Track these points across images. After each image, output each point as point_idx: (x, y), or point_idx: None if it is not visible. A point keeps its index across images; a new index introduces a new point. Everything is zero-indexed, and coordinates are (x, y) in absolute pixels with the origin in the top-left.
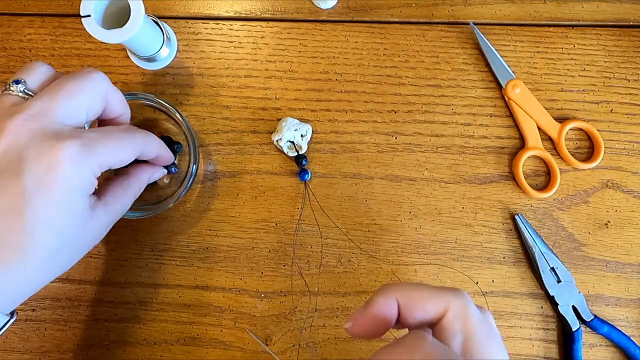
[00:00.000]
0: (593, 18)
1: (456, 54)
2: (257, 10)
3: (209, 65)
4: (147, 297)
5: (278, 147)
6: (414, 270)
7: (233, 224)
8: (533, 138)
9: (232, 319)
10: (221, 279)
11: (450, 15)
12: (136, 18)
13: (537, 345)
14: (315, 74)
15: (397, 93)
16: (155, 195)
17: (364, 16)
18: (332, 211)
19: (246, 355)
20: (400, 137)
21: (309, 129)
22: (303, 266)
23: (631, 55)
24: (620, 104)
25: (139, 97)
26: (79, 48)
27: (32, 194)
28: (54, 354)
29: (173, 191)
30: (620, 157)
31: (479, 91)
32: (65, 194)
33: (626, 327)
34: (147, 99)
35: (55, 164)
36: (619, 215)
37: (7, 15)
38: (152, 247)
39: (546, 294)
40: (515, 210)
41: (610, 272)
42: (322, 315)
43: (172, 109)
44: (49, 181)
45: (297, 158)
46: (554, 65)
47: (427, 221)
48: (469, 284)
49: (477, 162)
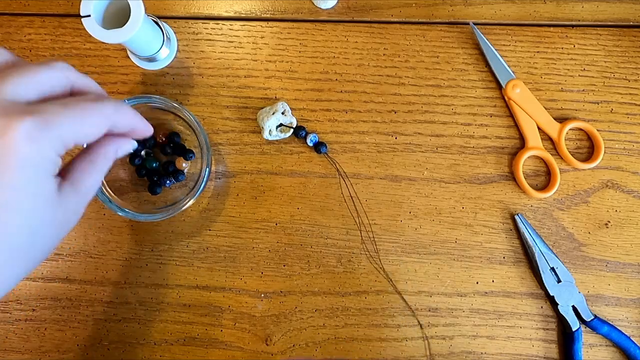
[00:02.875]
0: (593, 18)
1: (456, 54)
2: (257, 10)
3: (209, 65)
4: (147, 297)
5: (278, 138)
6: (414, 270)
7: (233, 224)
8: (533, 138)
9: (232, 319)
10: (221, 279)
11: (450, 15)
12: (136, 18)
13: (537, 345)
14: (315, 74)
15: (397, 93)
16: (171, 197)
17: (364, 16)
18: (332, 211)
19: (246, 355)
20: (400, 137)
21: (282, 104)
22: (303, 266)
23: (631, 55)
24: (620, 104)
25: (152, 100)
26: (79, 48)
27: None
28: (54, 354)
29: (185, 193)
30: (620, 157)
31: (479, 91)
32: (26, 176)
33: (626, 327)
34: (159, 101)
35: (9, 143)
36: (619, 215)
37: (7, 15)
38: (152, 247)
39: (546, 294)
40: (515, 210)
41: (610, 272)
42: (322, 315)
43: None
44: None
45: (296, 133)
46: (554, 65)
47: (427, 221)
48: (468, 283)
49: (477, 162)
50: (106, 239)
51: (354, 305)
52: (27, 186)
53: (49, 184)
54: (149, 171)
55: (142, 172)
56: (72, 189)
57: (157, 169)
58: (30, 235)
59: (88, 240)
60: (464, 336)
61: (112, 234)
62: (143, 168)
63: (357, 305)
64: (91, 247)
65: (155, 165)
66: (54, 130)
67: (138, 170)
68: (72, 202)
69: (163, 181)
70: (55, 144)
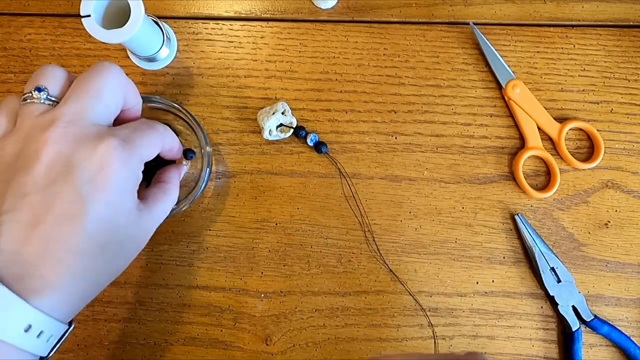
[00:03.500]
0: (593, 18)
1: (456, 54)
2: (257, 10)
3: (209, 65)
4: (147, 297)
5: (278, 138)
6: (414, 270)
7: (233, 224)
8: (533, 138)
9: (232, 319)
10: (221, 279)
11: (450, 15)
12: (136, 18)
13: (537, 345)
14: (315, 74)
15: (397, 93)
16: None
17: (364, 16)
18: (332, 211)
19: (246, 355)
20: (400, 137)
21: (282, 104)
22: (303, 266)
23: (631, 55)
24: (620, 104)
25: (152, 100)
26: (79, 48)
27: (88, 197)
28: (54, 353)
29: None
30: (620, 157)
31: (479, 91)
32: (118, 192)
33: (626, 327)
34: (161, 102)
35: (105, 163)
36: (619, 215)
37: (7, 15)
38: (152, 247)
39: (546, 294)
40: (515, 210)
41: (610, 272)
42: (322, 315)
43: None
44: (102, 181)
45: (296, 133)
46: (554, 65)
47: (427, 221)
48: (468, 283)
49: (477, 162)
50: None
51: (354, 305)
52: (119, 202)
53: (133, 200)
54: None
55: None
56: (147, 211)
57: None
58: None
59: None
60: (464, 336)
61: None
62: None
63: (357, 305)
64: None
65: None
66: (135, 149)
67: None
68: (147, 221)
69: None
70: (137, 161)
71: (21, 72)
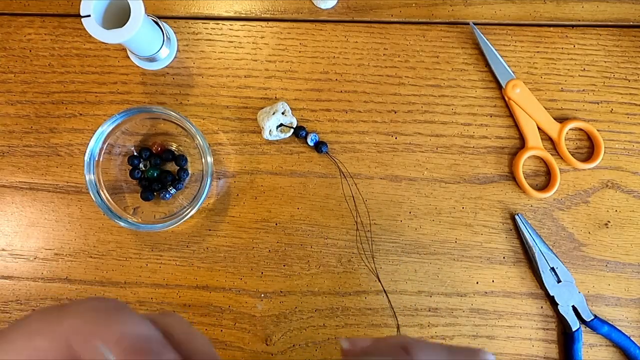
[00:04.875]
0: (593, 18)
1: (456, 54)
2: (257, 10)
3: (209, 65)
4: (147, 297)
5: (278, 138)
6: (414, 270)
7: (233, 224)
8: (533, 138)
9: (232, 319)
10: (221, 279)
11: (450, 15)
12: (136, 18)
13: (537, 345)
14: (315, 74)
15: (397, 93)
16: (177, 203)
17: (364, 16)
18: (332, 211)
19: (246, 355)
20: (400, 137)
21: (282, 104)
22: (303, 266)
23: (631, 55)
24: (620, 104)
25: (153, 110)
26: (79, 48)
27: None
28: None
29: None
30: (620, 157)
31: (479, 91)
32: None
33: (626, 327)
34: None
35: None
36: (619, 215)
37: (7, 15)
38: (152, 247)
39: (546, 294)
40: (515, 210)
41: (610, 272)
42: (322, 315)
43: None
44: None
45: (296, 133)
46: (554, 65)
47: (427, 221)
48: (468, 284)
49: (477, 162)
50: (106, 239)
51: (354, 305)
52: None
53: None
54: (149, 180)
55: (143, 183)
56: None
57: (157, 178)
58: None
59: (88, 240)
60: (464, 336)
61: (112, 234)
62: (144, 180)
63: (357, 305)
64: (91, 247)
65: (156, 175)
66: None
67: (140, 182)
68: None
69: (163, 195)
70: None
71: (21, 72)
